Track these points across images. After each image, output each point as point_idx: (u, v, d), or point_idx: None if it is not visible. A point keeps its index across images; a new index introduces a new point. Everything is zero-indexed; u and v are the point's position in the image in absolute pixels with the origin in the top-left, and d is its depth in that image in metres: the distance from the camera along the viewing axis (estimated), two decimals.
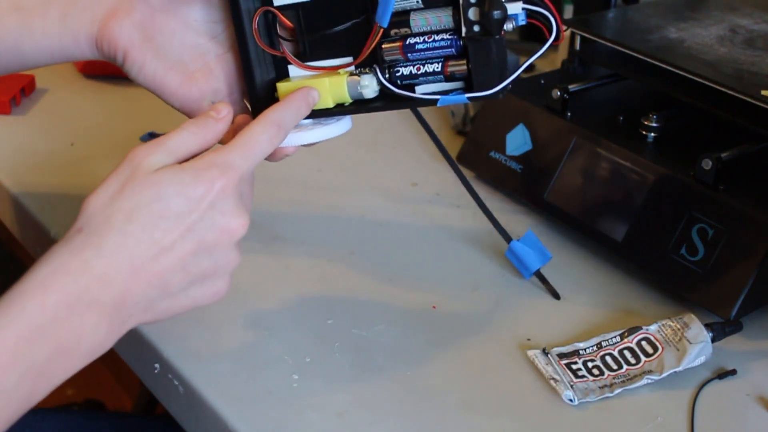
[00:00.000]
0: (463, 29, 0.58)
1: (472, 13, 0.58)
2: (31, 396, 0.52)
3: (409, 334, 0.68)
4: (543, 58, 1.13)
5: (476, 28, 0.58)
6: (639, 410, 0.61)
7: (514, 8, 0.58)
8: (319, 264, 0.76)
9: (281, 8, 0.64)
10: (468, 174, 0.88)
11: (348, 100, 0.63)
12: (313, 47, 0.65)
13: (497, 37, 0.58)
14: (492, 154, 0.84)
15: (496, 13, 0.57)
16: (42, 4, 0.66)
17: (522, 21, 0.58)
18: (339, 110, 0.64)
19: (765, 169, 0.73)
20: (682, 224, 0.70)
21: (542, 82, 0.88)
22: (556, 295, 0.70)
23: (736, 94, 0.71)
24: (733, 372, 0.65)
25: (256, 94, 0.66)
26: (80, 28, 0.66)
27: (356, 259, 0.77)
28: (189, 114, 0.69)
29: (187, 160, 0.57)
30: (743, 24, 0.86)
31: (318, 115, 0.64)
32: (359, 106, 0.63)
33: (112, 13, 0.65)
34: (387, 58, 0.62)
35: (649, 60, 0.78)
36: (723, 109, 0.73)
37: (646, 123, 0.78)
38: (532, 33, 1.18)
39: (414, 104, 0.63)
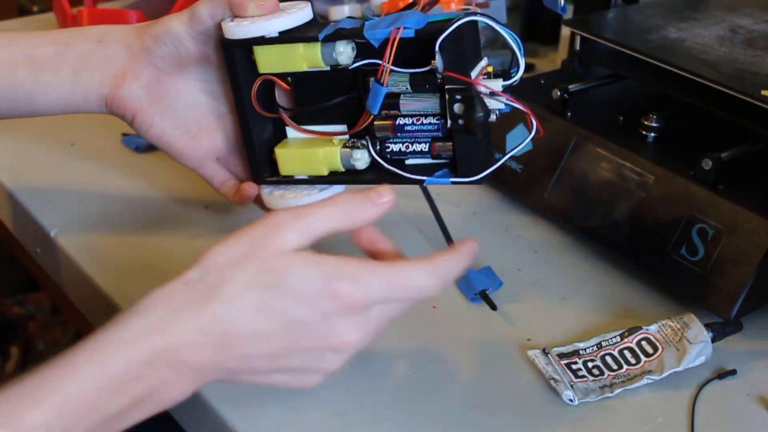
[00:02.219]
0: (449, 121, 0.61)
1: (457, 108, 0.60)
2: None
3: (409, 334, 0.68)
4: (542, 58, 1.13)
5: (461, 121, 0.60)
6: (639, 410, 0.61)
7: (496, 104, 0.60)
8: None
9: (278, 75, 0.66)
10: None
11: (341, 168, 0.66)
12: (309, 113, 0.68)
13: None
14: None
15: (479, 116, 0.59)
16: (54, 57, 0.69)
17: (506, 109, 0.61)
18: (332, 178, 0.67)
19: (765, 169, 0.73)
20: (682, 224, 0.70)
21: (542, 82, 0.88)
22: (493, 307, 0.70)
23: (736, 94, 0.71)
24: (733, 372, 0.65)
25: (255, 156, 0.69)
26: (90, 88, 0.69)
27: None
28: (196, 170, 0.73)
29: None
30: (743, 24, 0.86)
31: (314, 182, 0.68)
32: (352, 176, 0.66)
33: (122, 76, 0.68)
34: (378, 135, 0.65)
35: (649, 60, 0.78)
36: (723, 109, 0.73)
37: (646, 123, 0.78)
38: (532, 33, 1.19)
39: (402, 181, 0.65)
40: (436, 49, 0.58)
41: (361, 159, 0.66)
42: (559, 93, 0.81)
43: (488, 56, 0.63)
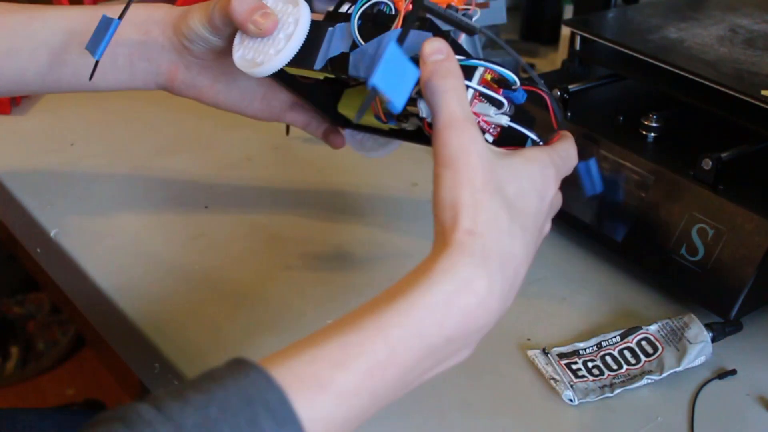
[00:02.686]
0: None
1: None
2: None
3: None
4: (543, 58, 1.13)
5: None
6: (639, 410, 0.61)
7: (498, 120, 0.59)
8: (319, 264, 0.76)
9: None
10: None
11: (395, 128, 0.70)
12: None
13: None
14: None
15: None
16: (108, 51, 0.68)
17: (522, 100, 0.61)
18: (392, 134, 0.71)
19: (765, 169, 0.73)
20: (682, 224, 0.70)
21: (542, 82, 0.87)
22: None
23: (736, 94, 0.71)
24: (733, 372, 0.65)
25: (326, 112, 0.73)
26: (147, 78, 0.72)
27: (357, 259, 0.77)
28: (277, 121, 0.76)
29: None
30: (743, 24, 0.86)
31: (382, 134, 0.72)
32: (411, 137, 0.70)
33: (174, 70, 0.71)
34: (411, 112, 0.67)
35: (649, 60, 0.78)
36: (723, 109, 0.73)
37: (646, 123, 0.78)
38: (533, 33, 1.19)
39: None
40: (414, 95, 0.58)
41: (409, 124, 0.68)
42: (559, 93, 0.81)
43: (489, 56, 0.63)
